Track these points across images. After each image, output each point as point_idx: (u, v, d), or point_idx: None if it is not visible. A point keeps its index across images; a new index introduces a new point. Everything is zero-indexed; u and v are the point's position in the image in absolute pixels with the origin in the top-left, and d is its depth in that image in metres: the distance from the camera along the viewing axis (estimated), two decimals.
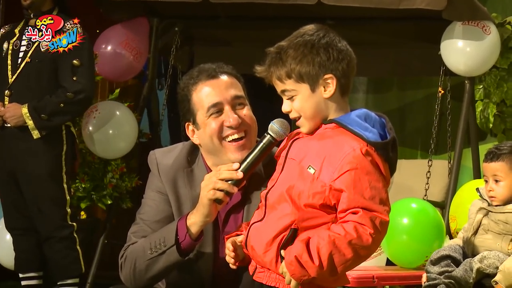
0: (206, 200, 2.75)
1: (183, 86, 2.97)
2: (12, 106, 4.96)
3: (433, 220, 4.58)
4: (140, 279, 2.90)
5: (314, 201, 2.43)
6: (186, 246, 2.83)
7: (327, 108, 2.50)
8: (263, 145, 2.69)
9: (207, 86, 2.90)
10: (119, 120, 5.72)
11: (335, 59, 2.47)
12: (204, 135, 2.90)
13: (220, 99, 2.88)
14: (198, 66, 2.99)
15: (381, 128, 2.50)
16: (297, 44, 2.48)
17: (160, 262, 2.85)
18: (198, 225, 2.81)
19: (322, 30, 2.50)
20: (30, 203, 4.98)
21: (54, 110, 4.94)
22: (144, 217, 2.99)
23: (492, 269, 3.65)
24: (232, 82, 2.93)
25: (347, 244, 2.36)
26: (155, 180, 3.01)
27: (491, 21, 5.58)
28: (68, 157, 5.07)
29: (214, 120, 2.88)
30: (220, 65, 2.96)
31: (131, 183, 5.88)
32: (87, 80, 5.03)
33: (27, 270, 5.12)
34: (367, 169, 2.41)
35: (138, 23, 6.03)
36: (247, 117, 2.91)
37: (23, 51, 5.01)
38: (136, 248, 2.91)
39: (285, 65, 2.48)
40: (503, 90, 6.16)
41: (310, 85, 2.48)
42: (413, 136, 6.91)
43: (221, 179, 2.72)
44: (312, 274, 2.38)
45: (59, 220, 4.98)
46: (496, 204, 3.76)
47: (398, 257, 4.64)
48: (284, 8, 5.60)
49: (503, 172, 3.72)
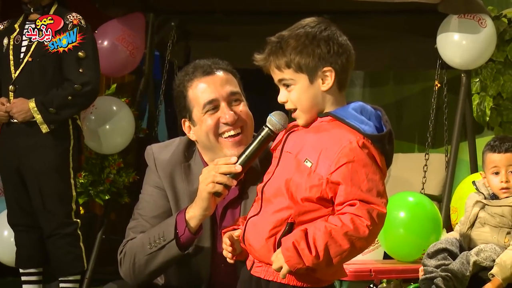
0: (205, 193, 2.75)
1: (178, 82, 2.97)
2: (19, 101, 4.93)
3: (430, 214, 4.59)
4: (140, 274, 2.91)
5: (311, 194, 2.43)
6: (186, 240, 2.84)
7: (323, 101, 2.50)
8: (261, 138, 2.69)
9: (202, 83, 2.90)
10: (116, 115, 5.72)
11: (335, 52, 2.47)
12: (200, 132, 2.91)
13: (216, 96, 2.89)
14: (194, 62, 2.99)
15: (377, 120, 2.50)
16: (298, 35, 2.48)
17: (160, 257, 2.85)
18: (197, 219, 2.81)
19: (323, 23, 2.51)
20: (36, 199, 4.95)
21: (62, 103, 4.92)
22: (142, 212, 2.99)
23: (489, 262, 3.66)
24: (228, 78, 2.93)
25: (344, 235, 2.37)
26: (152, 175, 3.01)
27: (487, 14, 5.58)
28: (75, 152, 5.05)
29: (210, 117, 2.88)
30: (216, 61, 2.96)
31: (129, 178, 5.88)
32: (93, 71, 5.01)
33: (27, 266, 5.11)
34: (364, 162, 2.41)
35: (134, 18, 6.03)
36: (243, 113, 2.91)
37: (25, 45, 4.99)
38: (135, 243, 2.92)
39: (285, 54, 2.47)
40: (499, 83, 6.17)
41: (308, 76, 2.48)
42: (410, 130, 6.92)
43: (220, 172, 2.72)
44: (307, 263, 2.38)
45: (64, 217, 4.96)
46: (506, 196, 3.73)
47: (395, 250, 4.65)
48: (280, 3, 5.61)
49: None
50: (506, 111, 6.19)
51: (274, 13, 6.00)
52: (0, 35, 5.12)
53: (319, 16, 2.55)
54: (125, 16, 6.00)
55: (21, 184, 5.01)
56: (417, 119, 6.87)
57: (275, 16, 5.94)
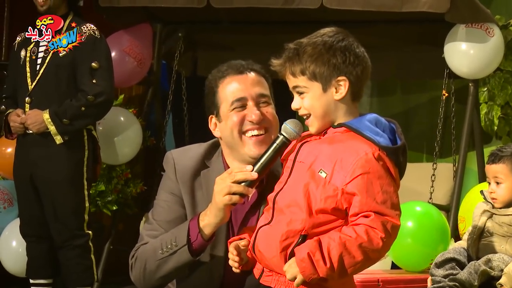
0: (222, 205, 2.75)
1: (211, 78, 2.98)
2: (33, 113, 4.94)
3: (437, 223, 4.58)
4: (150, 279, 2.91)
5: (326, 205, 2.44)
6: (198, 246, 2.84)
7: (336, 110, 2.52)
8: (277, 146, 2.69)
9: (234, 81, 2.92)
10: (124, 126, 5.74)
11: (351, 63, 2.49)
12: (225, 128, 2.91)
13: (245, 95, 2.90)
14: (228, 61, 3.00)
15: (391, 133, 2.52)
16: (316, 43, 2.50)
17: (171, 262, 2.85)
18: (212, 227, 2.81)
19: (342, 33, 2.53)
20: (49, 209, 4.96)
21: (76, 114, 4.92)
22: (156, 217, 3.00)
23: (497, 271, 3.64)
24: (259, 80, 2.94)
25: (358, 247, 2.38)
26: (169, 182, 3.01)
27: (495, 23, 5.58)
28: (89, 163, 5.04)
29: (236, 114, 2.89)
30: (250, 62, 2.98)
31: (136, 188, 5.89)
32: (107, 82, 5.01)
33: (37, 277, 5.12)
34: (379, 173, 2.43)
35: (141, 29, 6.05)
36: (270, 115, 2.92)
37: (41, 57, 5.00)
38: (147, 248, 2.92)
39: (301, 61, 2.50)
40: (507, 92, 6.16)
41: (322, 84, 2.50)
42: (418, 139, 6.91)
43: (235, 181, 2.72)
44: (321, 274, 2.39)
45: (76, 228, 4.96)
46: (499, 206, 3.75)
47: (403, 260, 4.64)
48: (287, 13, 5.61)
49: (503, 174, 3.71)
50: None
51: (281, 23, 6.02)
52: (18, 47, 5.14)
53: (324, 27, 2.57)
54: (133, 27, 6.01)
55: (34, 194, 5.01)
56: (424, 128, 6.86)
57: (281, 26, 5.96)
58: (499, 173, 3.73)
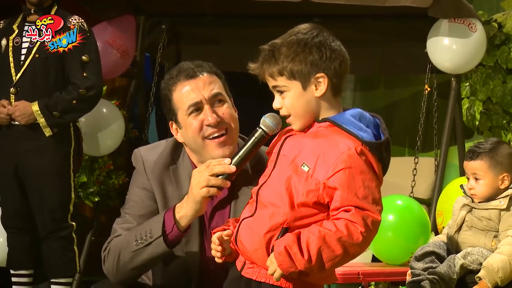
0: (199, 198, 2.77)
1: (164, 86, 3.02)
2: (21, 104, 4.89)
3: (418, 217, 4.60)
4: (123, 271, 2.91)
5: (307, 199, 2.44)
6: (173, 238, 2.85)
7: (318, 107, 2.51)
8: (255, 139, 2.71)
9: (186, 86, 2.94)
10: (106, 117, 5.72)
11: (328, 58, 2.48)
12: (187, 134, 2.95)
13: (199, 98, 2.92)
14: (178, 65, 3.04)
15: (375, 128, 2.52)
16: (290, 42, 2.49)
17: (145, 254, 2.86)
18: (188, 218, 2.83)
19: (316, 29, 2.51)
20: (35, 201, 4.93)
21: (67, 107, 4.89)
22: (129, 211, 3.01)
23: (476, 265, 3.67)
24: (211, 79, 2.96)
25: (337, 241, 2.38)
26: (140, 177, 3.04)
27: (477, 19, 5.60)
28: (75, 154, 5.03)
29: (195, 120, 2.92)
30: (199, 63, 3.00)
31: (118, 180, 5.88)
32: (97, 76, 4.99)
33: (18, 268, 5.10)
34: (361, 168, 2.43)
35: (125, 21, 6.02)
36: (226, 115, 2.94)
37: (26, 47, 4.97)
38: (120, 240, 2.93)
39: (277, 62, 2.49)
40: (489, 87, 6.18)
41: (301, 83, 2.49)
42: (400, 134, 6.93)
43: (213, 174, 2.74)
44: (299, 267, 2.40)
45: (60, 220, 4.94)
46: (478, 201, 3.78)
47: (384, 253, 4.66)
48: (270, 6, 5.61)
49: (482, 170, 3.73)
50: (496, 116, 6.20)
51: (265, 17, 6.02)
52: None
53: (307, 21, 2.57)
54: (116, 19, 5.99)
55: (18, 186, 4.98)
56: (407, 123, 6.89)
57: (265, 20, 5.96)
58: (478, 169, 3.75)
